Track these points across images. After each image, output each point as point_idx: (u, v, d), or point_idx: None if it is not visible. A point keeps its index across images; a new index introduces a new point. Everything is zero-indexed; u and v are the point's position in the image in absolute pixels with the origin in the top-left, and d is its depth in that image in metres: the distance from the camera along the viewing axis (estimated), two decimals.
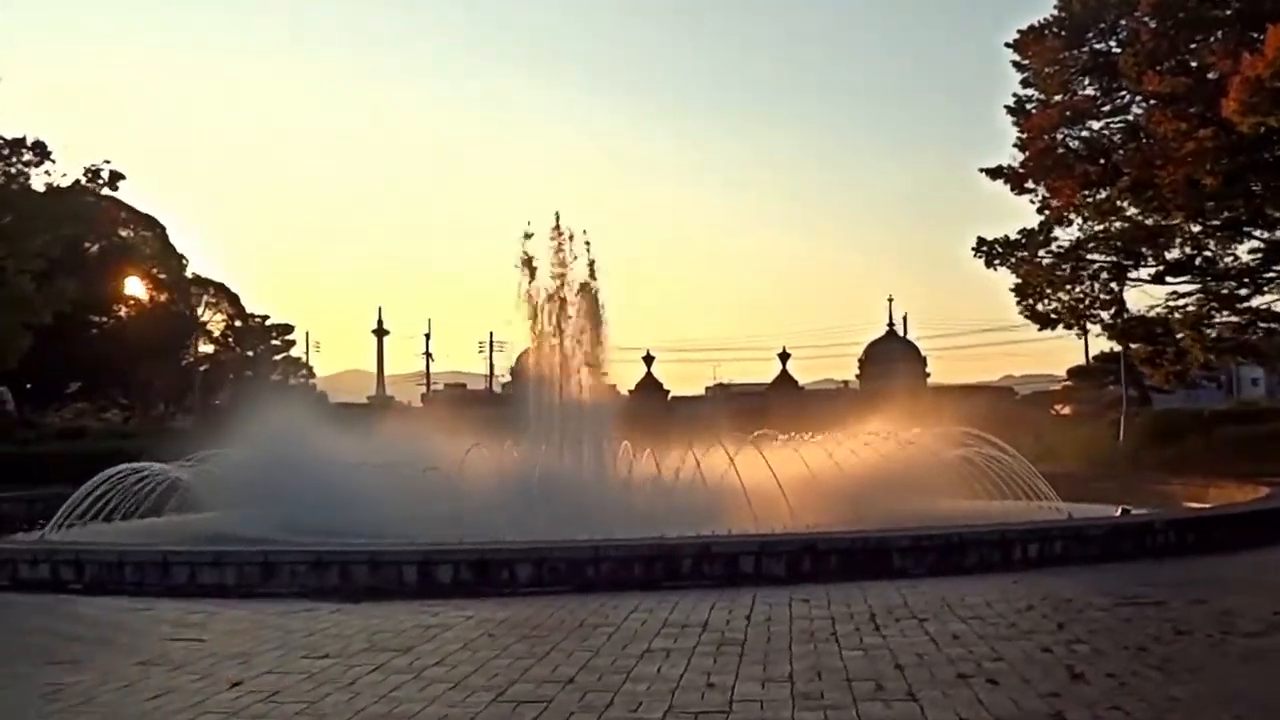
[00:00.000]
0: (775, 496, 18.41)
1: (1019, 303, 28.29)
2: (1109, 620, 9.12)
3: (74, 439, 34.77)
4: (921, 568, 12.90)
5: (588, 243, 22.62)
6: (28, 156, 28.91)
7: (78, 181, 30.41)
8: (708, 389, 69.93)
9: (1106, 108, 25.90)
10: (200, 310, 61.46)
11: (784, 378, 57.53)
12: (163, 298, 57.00)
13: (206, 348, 61.96)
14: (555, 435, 21.40)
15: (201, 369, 57.96)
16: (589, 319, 22.58)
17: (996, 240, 27.40)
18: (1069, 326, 28.68)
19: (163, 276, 56.97)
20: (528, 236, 22.44)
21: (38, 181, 29.34)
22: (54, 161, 29.58)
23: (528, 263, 22.32)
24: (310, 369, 67.89)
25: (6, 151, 28.65)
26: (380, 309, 73.80)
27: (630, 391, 62.05)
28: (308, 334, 74.56)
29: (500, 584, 11.97)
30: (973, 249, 27.29)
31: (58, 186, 29.66)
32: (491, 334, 70.35)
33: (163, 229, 57.95)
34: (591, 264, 22.67)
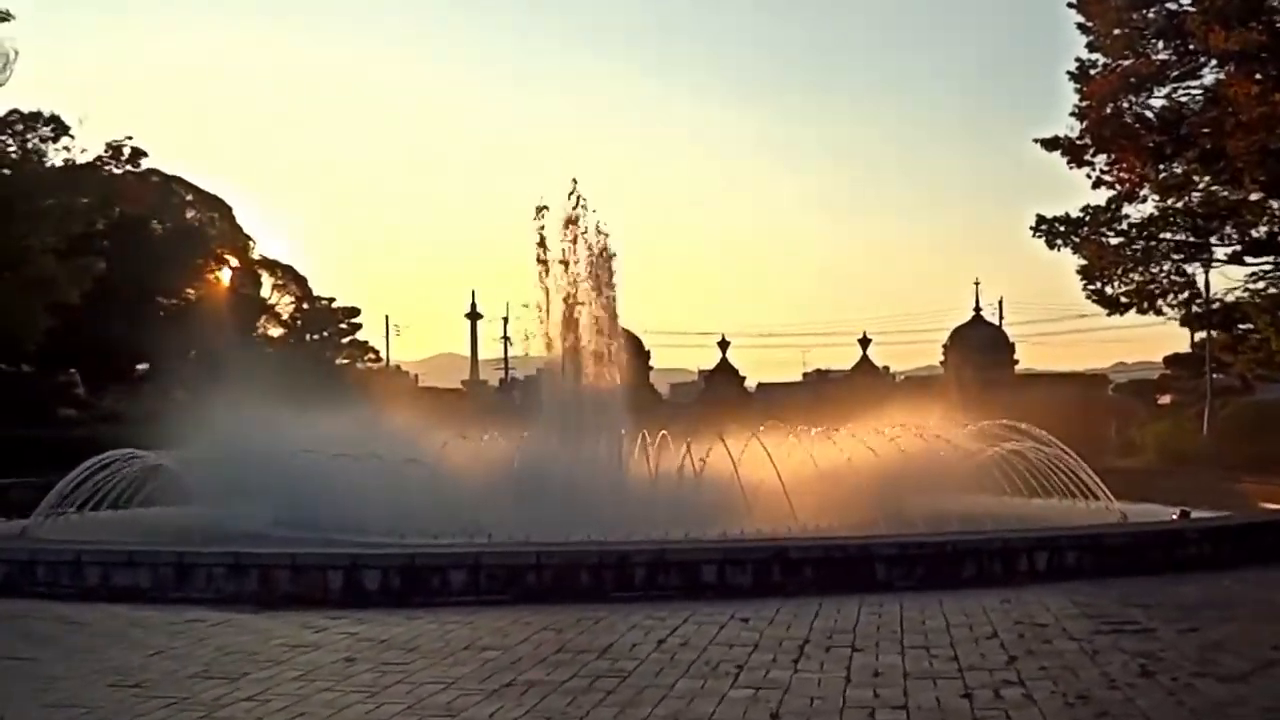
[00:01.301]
0: (795, 494, 17.37)
1: (1085, 286, 26.51)
2: (1073, 654, 7.89)
3: (113, 423, 34.61)
4: (909, 580, 11.74)
5: (601, 228, 21.54)
6: (44, 131, 28.62)
7: (99, 158, 30.11)
8: (805, 375, 68.74)
9: (1176, 73, 24.05)
10: (268, 293, 61.56)
11: (865, 364, 56.10)
12: (230, 280, 57.28)
13: (275, 331, 62.05)
14: (563, 426, 20.37)
15: (269, 352, 57.94)
16: (603, 300, 21.54)
17: (1057, 218, 25.60)
18: (1141, 311, 26.84)
19: (230, 258, 57.26)
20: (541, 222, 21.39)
21: (56, 157, 29.14)
22: (72, 136, 29.35)
23: (541, 243, 21.35)
24: (378, 353, 67.68)
25: (21, 126, 28.39)
26: (474, 292, 72.07)
27: (705, 378, 61.15)
28: (387, 318, 74.39)
29: (430, 592, 11.08)
30: (1031, 228, 25.58)
31: (75, 163, 29.35)
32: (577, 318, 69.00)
33: (229, 209, 58.26)
34: (604, 246, 21.59)
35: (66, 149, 29.21)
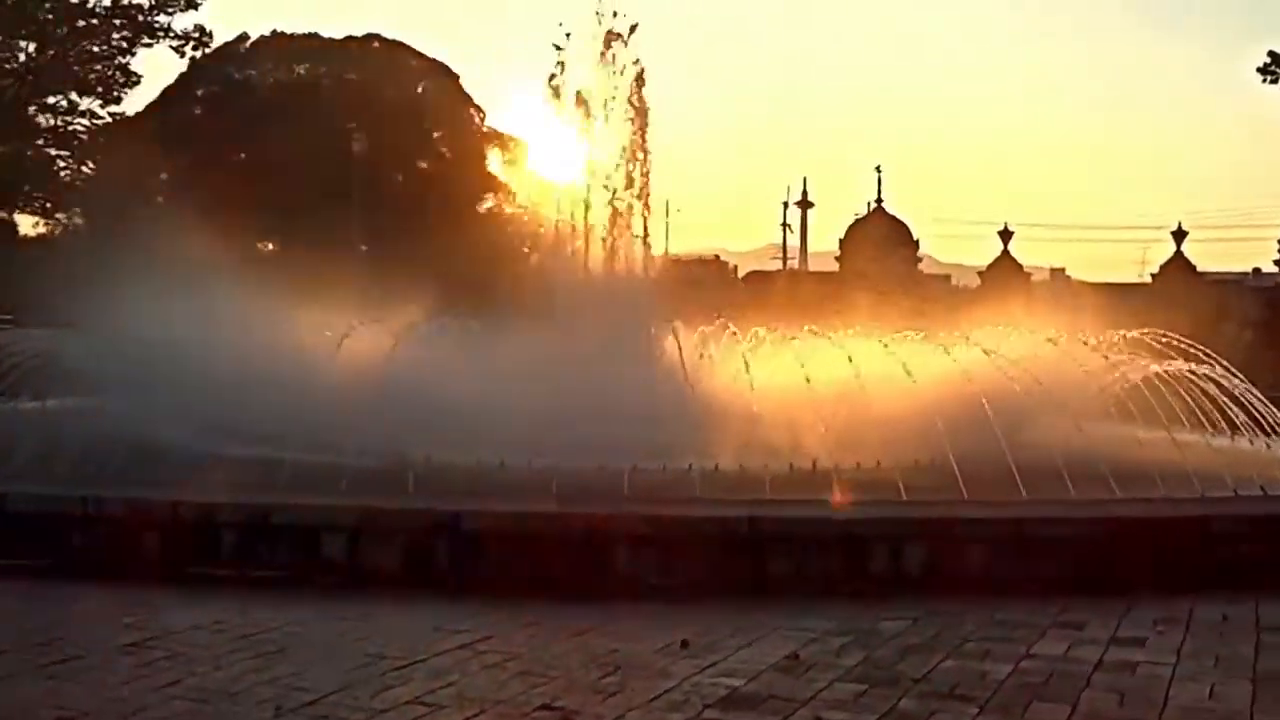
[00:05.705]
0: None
1: None
2: None
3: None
4: (670, 577, 7.71)
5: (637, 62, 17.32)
6: None
7: None
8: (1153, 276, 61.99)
9: None
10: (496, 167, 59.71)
11: (1178, 261, 49.03)
12: (455, 151, 55.86)
13: (510, 209, 60.45)
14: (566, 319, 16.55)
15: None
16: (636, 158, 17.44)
17: None
18: None
19: (461, 130, 55.70)
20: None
21: None
22: None
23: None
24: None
25: None
26: (805, 179, 68.39)
27: (980, 274, 55.31)
28: (667, 203, 71.52)
29: None
30: (1260, 69, 19.37)
31: None
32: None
33: (456, 78, 56.57)
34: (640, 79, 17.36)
35: None
